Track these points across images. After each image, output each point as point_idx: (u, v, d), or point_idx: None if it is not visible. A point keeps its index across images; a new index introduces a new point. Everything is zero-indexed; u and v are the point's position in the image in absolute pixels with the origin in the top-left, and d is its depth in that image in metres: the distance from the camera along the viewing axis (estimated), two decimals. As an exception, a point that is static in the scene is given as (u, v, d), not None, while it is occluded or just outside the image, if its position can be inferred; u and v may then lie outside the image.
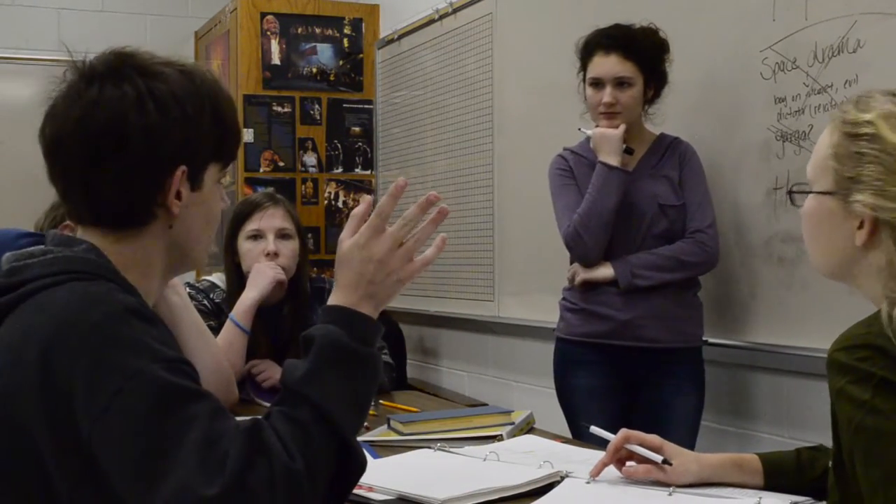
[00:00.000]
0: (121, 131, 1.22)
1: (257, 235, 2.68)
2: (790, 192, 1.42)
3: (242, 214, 2.71)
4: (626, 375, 2.73)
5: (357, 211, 1.33)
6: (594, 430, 1.80)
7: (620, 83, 2.70)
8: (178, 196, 1.27)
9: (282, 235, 2.68)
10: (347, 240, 1.31)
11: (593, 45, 2.74)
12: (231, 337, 2.54)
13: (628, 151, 2.73)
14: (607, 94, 2.70)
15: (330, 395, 1.19)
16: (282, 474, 1.11)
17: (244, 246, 2.69)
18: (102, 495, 1.10)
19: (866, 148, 1.31)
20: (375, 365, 1.26)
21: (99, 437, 1.08)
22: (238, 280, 2.70)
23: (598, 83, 2.72)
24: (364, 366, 1.24)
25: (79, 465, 1.10)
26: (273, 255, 2.65)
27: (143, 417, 1.09)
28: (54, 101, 1.27)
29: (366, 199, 1.34)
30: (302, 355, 1.23)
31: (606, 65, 2.70)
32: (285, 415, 1.17)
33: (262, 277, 2.61)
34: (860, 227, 1.33)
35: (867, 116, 1.33)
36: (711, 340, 2.86)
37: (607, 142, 2.69)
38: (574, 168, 2.81)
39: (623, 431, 1.64)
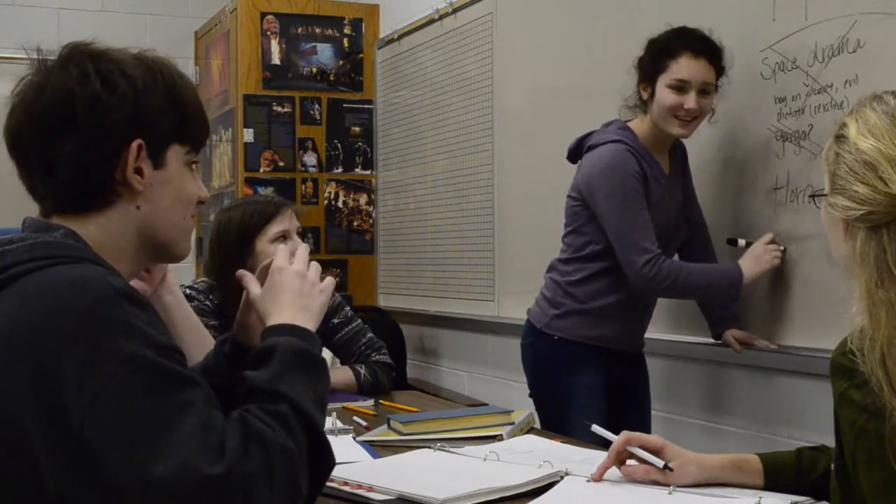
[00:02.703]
0: (68, 106, 1.25)
1: (285, 237, 2.65)
2: (812, 196, 1.43)
3: (264, 216, 2.64)
4: (613, 375, 2.77)
5: (262, 265, 1.52)
6: (595, 429, 1.80)
7: (703, 90, 2.61)
8: (140, 173, 1.28)
9: (300, 235, 2.68)
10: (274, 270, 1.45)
11: (678, 46, 2.59)
12: None
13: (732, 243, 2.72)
14: (692, 100, 2.59)
15: (300, 393, 1.25)
16: (279, 455, 1.16)
17: (270, 249, 2.60)
18: (93, 481, 1.09)
19: (840, 149, 1.32)
20: (326, 368, 1.36)
21: (92, 423, 1.08)
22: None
23: (682, 87, 2.59)
24: (320, 370, 1.32)
25: (68, 451, 1.09)
26: None
27: (138, 401, 1.10)
28: (11, 98, 1.30)
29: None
30: (252, 366, 1.28)
31: (695, 69, 2.59)
32: (265, 410, 1.21)
33: None
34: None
35: (847, 118, 1.33)
36: (712, 341, 2.86)
37: (762, 266, 2.60)
38: (646, 171, 2.64)
39: (625, 434, 1.64)
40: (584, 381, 2.71)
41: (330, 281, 1.46)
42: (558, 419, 2.67)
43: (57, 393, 1.10)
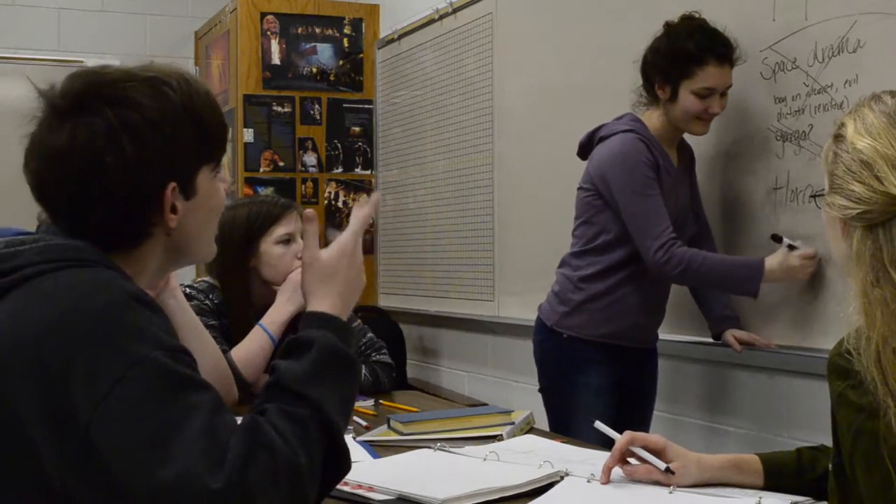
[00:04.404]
0: (99, 173, 1.22)
1: (289, 240, 2.65)
2: (812, 196, 1.43)
3: (270, 217, 2.64)
4: (622, 372, 2.77)
5: (313, 229, 1.44)
6: (598, 425, 1.80)
7: (724, 92, 2.65)
8: (174, 210, 1.27)
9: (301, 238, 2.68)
10: (323, 252, 1.39)
11: (704, 53, 2.60)
12: (263, 343, 2.52)
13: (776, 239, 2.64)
14: (717, 105, 2.63)
15: (328, 397, 1.22)
16: (285, 468, 1.13)
17: (274, 250, 2.63)
18: (99, 480, 1.09)
19: (838, 148, 1.33)
20: (359, 371, 1.33)
21: (99, 424, 1.09)
22: (249, 285, 2.66)
23: (708, 94, 2.62)
24: (354, 371, 1.30)
25: (74, 451, 1.09)
26: None
27: (145, 403, 1.10)
28: (31, 137, 1.26)
29: (309, 214, 1.46)
30: (287, 355, 1.26)
31: (720, 75, 2.62)
32: (284, 412, 1.19)
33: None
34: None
35: (845, 118, 1.34)
36: (712, 341, 2.86)
37: (789, 276, 2.56)
38: (658, 160, 2.67)
39: (628, 434, 1.64)
40: (591, 381, 2.72)
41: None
42: (563, 417, 2.69)
43: (64, 393, 1.10)
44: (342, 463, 1.24)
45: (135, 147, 1.22)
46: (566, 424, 2.60)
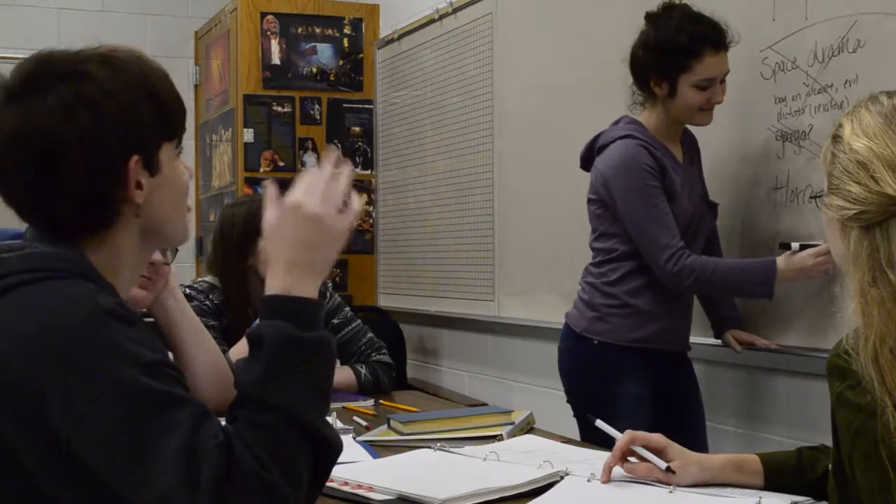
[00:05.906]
0: (56, 145, 1.19)
1: None
2: (812, 198, 1.43)
3: None
4: (657, 378, 2.67)
5: (272, 192, 1.28)
6: (599, 423, 1.80)
7: (722, 79, 2.59)
8: (139, 186, 1.25)
9: None
10: (295, 218, 1.24)
11: (699, 44, 2.53)
12: None
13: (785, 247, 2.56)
14: (719, 94, 2.57)
15: (291, 394, 1.16)
16: (257, 486, 1.10)
17: None
18: (88, 488, 1.10)
19: (836, 149, 1.33)
20: (328, 347, 1.22)
21: (78, 442, 1.08)
22: (247, 283, 2.65)
23: (709, 84, 2.56)
24: (318, 353, 1.21)
25: (59, 464, 1.10)
26: None
27: (121, 425, 1.08)
28: None
29: (266, 183, 1.30)
30: (250, 352, 1.20)
31: (718, 64, 2.55)
32: (251, 421, 1.14)
33: None
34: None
35: (843, 119, 1.34)
36: (714, 341, 2.85)
37: (804, 276, 2.49)
38: (662, 162, 2.59)
39: (629, 433, 1.64)
40: (630, 390, 2.60)
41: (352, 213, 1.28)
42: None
43: (41, 411, 1.09)
44: (329, 450, 1.19)
45: (92, 117, 1.20)
46: (603, 435, 2.47)
